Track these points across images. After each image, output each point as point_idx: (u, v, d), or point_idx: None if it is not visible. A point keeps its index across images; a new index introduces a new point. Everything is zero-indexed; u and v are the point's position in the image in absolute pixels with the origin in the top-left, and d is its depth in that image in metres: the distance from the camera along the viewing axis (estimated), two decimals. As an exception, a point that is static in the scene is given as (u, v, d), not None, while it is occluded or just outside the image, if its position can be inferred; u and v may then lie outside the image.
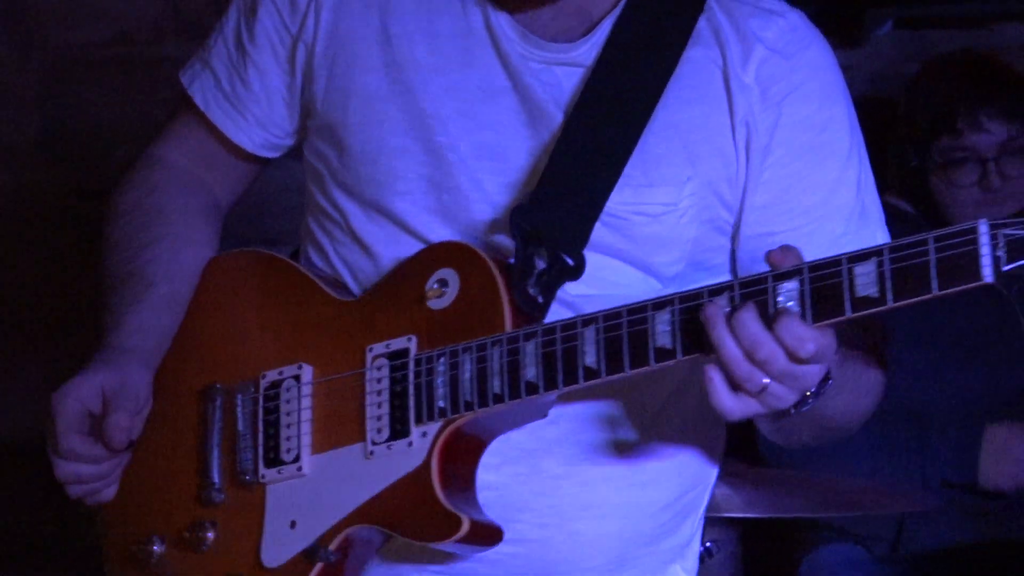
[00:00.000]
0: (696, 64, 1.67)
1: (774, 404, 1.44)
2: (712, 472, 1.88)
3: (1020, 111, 3.22)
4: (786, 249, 1.43)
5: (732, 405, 1.43)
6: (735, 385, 1.42)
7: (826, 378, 1.49)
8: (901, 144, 3.32)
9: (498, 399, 1.54)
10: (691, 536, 1.88)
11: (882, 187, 1.75)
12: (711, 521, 2.41)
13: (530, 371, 1.52)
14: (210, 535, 1.69)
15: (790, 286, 1.40)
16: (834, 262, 1.37)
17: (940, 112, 3.25)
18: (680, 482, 1.81)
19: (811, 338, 1.37)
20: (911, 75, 3.49)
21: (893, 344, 2.59)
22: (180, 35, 3.57)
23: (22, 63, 3.67)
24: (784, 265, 1.41)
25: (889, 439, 3.14)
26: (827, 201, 1.67)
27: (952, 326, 3.22)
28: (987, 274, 1.28)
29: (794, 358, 1.39)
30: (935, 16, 3.78)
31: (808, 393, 1.46)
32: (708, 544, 2.62)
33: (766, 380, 1.41)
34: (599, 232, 1.63)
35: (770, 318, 1.39)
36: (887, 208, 1.68)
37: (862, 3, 3.60)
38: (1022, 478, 3.13)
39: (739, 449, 3.14)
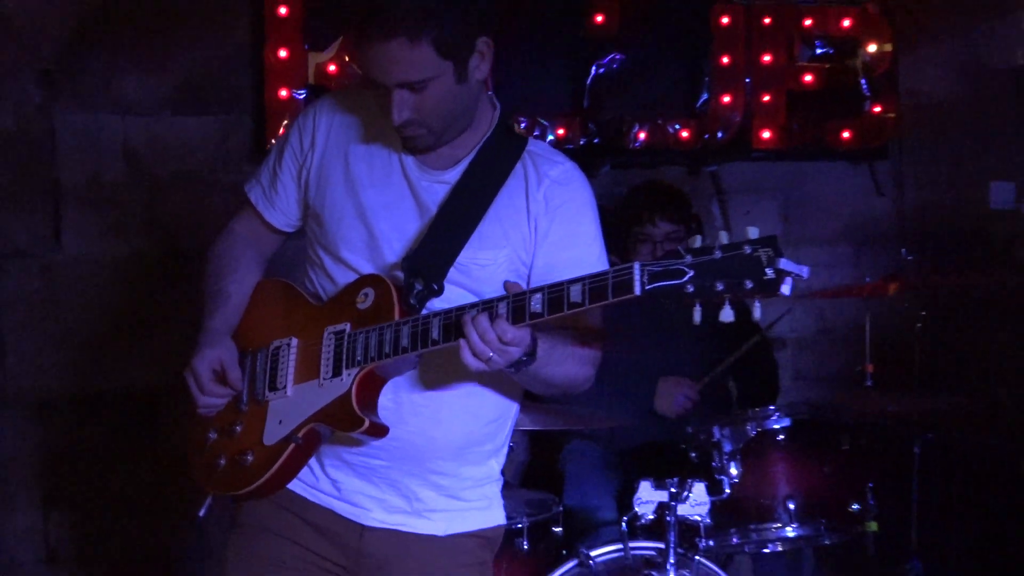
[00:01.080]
0: (512, 186, 2.23)
1: (495, 367, 1.99)
2: (516, 404, 2.41)
3: (678, 216, 3.98)
4: (513, 283, 2.02)
5: (474, 364, 1.97)
6: (474, 354, 1.95)
7: (530, 354, 2.04)
8: (616, 231, 3.91)
9: (387, 356, 2.08)
10: (504, 441, 2.42)
11: (608, 251, 2.34)
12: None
13: (405, 340, 2.06)
14: (238, 428, 2.27)
15: (513, 301, 1.94)
16: (559, 285, 1.92)
17: (634, 214, 4.05)
18: (497, 408, 2.35)
19: (510, 331, 1.94)
20: (621, 194, 4.36)
21: (625, 332, 3.33)
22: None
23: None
24: (513, 291, 1.97)
25: (620, 386, 3.64)
26: (581, 260, 2.17)
27: (648, 320, 3.68)
28: (636, 290, 1.83)
29: (502, 341, 1.94)
30: (632, 163, 4.64)
31: (515, 362, 2.01)
32: (511, 444, 3.50)
33: (490, 353, 1.95)
34: (452, 273, 2.17)
35: (494, 316, 1.94)
36: (610, 262, 2.17)
37: (594, 155, 4.47)
38: (676, 409, 3.89)
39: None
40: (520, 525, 3.30)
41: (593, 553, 3.24)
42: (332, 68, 4.25)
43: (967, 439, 4.48)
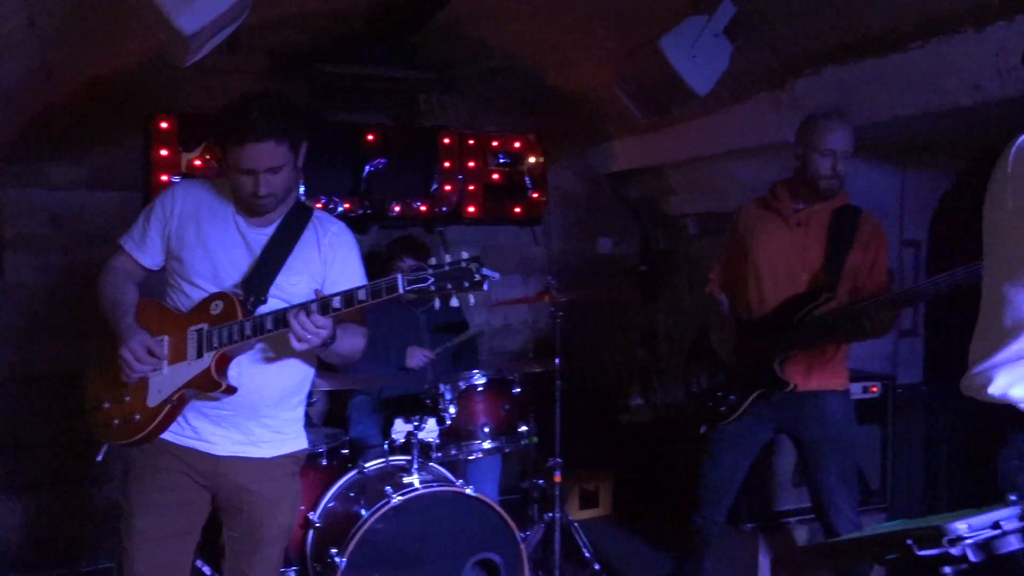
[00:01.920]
0: (307, 237, 2.23)
1: (312, 345, 2.03)
2: (313, 370, 2.34)
3: (417, 256, 3.81)
4: (320, 292, 2.08)
5: (298, 345, 2.01)
6: (298, 338, 1.99)
7: (332, 336, 2.07)
8: (382, 265, 3.90)
9: (235, 342, 2.05)
10: (306, 394, 2.37)
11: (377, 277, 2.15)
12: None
13: (248, 331, 2.05)
14: (127, 397, 2.13)
15: (333, 303, 2.00)
16: (350, 291, 2.01)
17: (391, 255, 3.90)
18: (302, 372, 2.29)
19: (321, 320, 2.00)
20: (384, 244, 4.24)
21: (392, 324, 3.47)
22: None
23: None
24: (320, 296, 2.03)
25: (388, 352, 3.70)
26: (352, 281, 2.21)
27: (405, 319, 3.83)
28: (400, 290, 1.95)
29: (316, 326, 1.99)
30: (391, 225, 4.57)
31: (324, 341, 2.04)
32: (315, 399, 3.45)
33: (309, 335, 1.99)
34: (272, 290, 2.16)
35: (310, 312, 1.99)
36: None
37: (367, 220, 4.44)
38: (418, 364, 3.73)
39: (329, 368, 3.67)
40: (321, 450, 3.21)
41: (367, 465, 3.20)
42: (197, 162, 4.05)
43: (585, 385, 4.71)
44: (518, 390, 3.45)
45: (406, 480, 2.98)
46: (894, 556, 1.07)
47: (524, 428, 3.44)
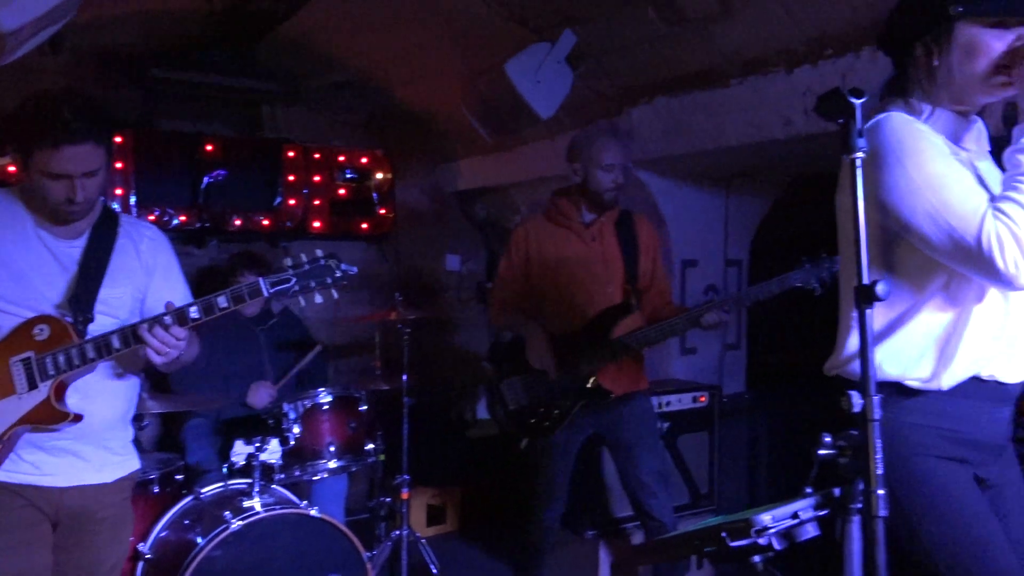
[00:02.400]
0: (121, 244, 2.07)
1: (171, 358, 1.92)
2: (139, 384, 2.19)
3: (258, 270, 3.56)
4: (170, 303, 1.93)
5: (158, 359, 1.91)
6: (158, 351, 1.89)
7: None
8: (223, 279, 3.62)
9: (77, 367, 1.90)
10: (131, 419, 2.20)
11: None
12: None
13: (91, 354, 1.90)
14: None
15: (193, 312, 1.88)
16: (207, 298, 1.90)
17: (232, 268, 3.66)
18: (133, 389, 2.16)
19: (182, 332, 1.89)
20: (224, 258, 4.04)
21: (234, 355, 3.32)
22: None
23: None
24: (172, 308, 1.89)
25: (227, 388, 3.50)
26: (176, 287, 2.14)
27: (246, 345, 3.65)
28: (265, 293, 1.89)
29: (177, 339, 1.89)
30: (231, 239, 4.39)
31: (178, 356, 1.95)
32: (146, 423, 3.28)
33: (168, 348, 1.89)
34: (97, 306, 2.00)
35: (167, 326, 1.88)
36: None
37: (205, 233, 4.27)
38: (262, 403, 3.51)
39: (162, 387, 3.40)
40: (153, 476, 3.02)
41: (203, 490, 3.05)
42: (12, 168, 3.71)
43: (433, 402, 4.72)
44: (365, 407, 3.42)
45: (246, 504, 2.87)
46: (711, 549, 1.18)
47: (371, 446, 3.41)
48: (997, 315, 1.47)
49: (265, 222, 4.50)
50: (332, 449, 3.32)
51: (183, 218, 4.23)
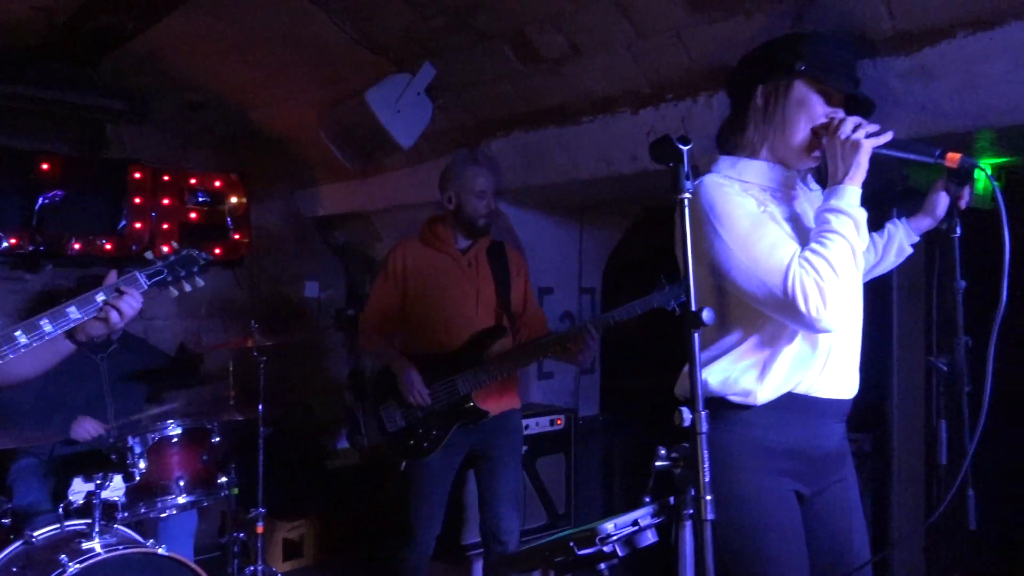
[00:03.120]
0: None
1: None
2: None
3: None
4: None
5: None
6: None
7: None
8: None
9: None
10: None
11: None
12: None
13: None
14: None
15: None
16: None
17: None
18: None
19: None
20: (63, 285, 3.98)
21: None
22: None
23: None
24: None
25: (46, 417, 3.30)
26: None
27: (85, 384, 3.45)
28: (144, 285, 1.86)
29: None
30: (69, 264, 4.12)
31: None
32: None
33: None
34: None
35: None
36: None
37: (40, 257, 4.03)
38: (83, 437, 3.30)
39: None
40: (-25, 522, 2.80)
41: (35, 534, 2.84)
42: None
43: (291, 431, 4.62)
44: (217, 439, 3.31)
45: (85, 546, 2.71)
46: (561, 559, 1.26)
47: (224, 479, 3.30)
48: (820, 338, 1.63)
49: (108, 246, 4.29)
50: (182, 484, 3.18)
51: (13, 241, 3.97)
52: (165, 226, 4.53)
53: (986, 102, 2.18)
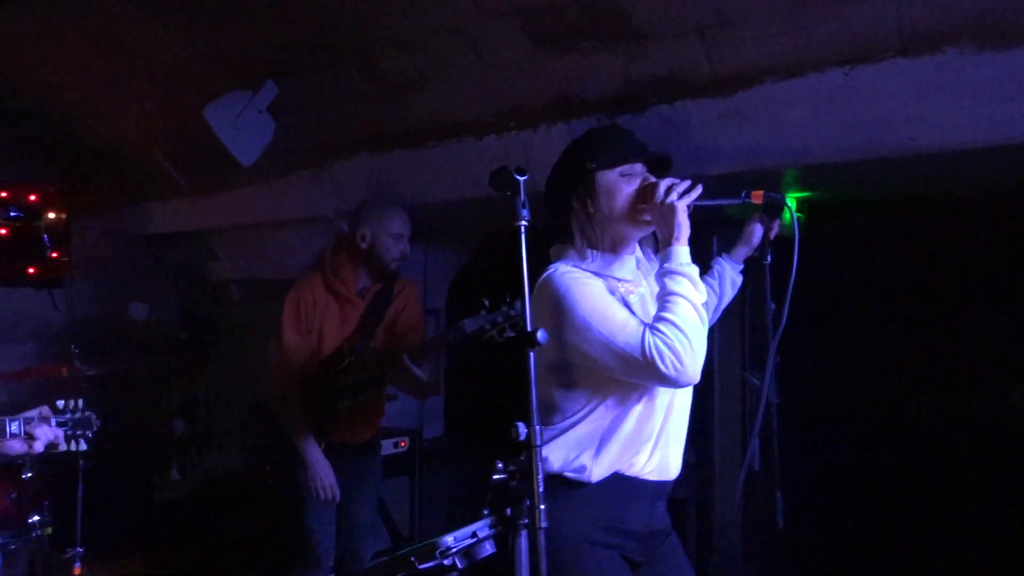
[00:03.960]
0: None
1: None
2: None
3: None
4: None
5: None
6: None
7: None
8: None
9: None
10: None
11: None
12: None
13: None
14: None
15: None
16: None
17: None
18: None
19: None
20: None
21: None
22: None
23: None
24: None
25: None
26: None
27: None
28: None
29: None
30: None
31: None
32: None
33: None
34: None
35: None
36: None
37: None
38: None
39: None
40: None
41: None
42: None
43: (115, 463, 4.33)
44: (29, 475, 3.08)
45: None
46: (403, 574, 1.30)
47: (36, 518, 3.07)
48: (654, 423, 1.80)
49: None
50: (-14, 525, 2.93)
51: None
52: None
53: (790, 143, 2.45)
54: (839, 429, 3.75)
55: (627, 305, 1.77)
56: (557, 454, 1.75)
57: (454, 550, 1.30)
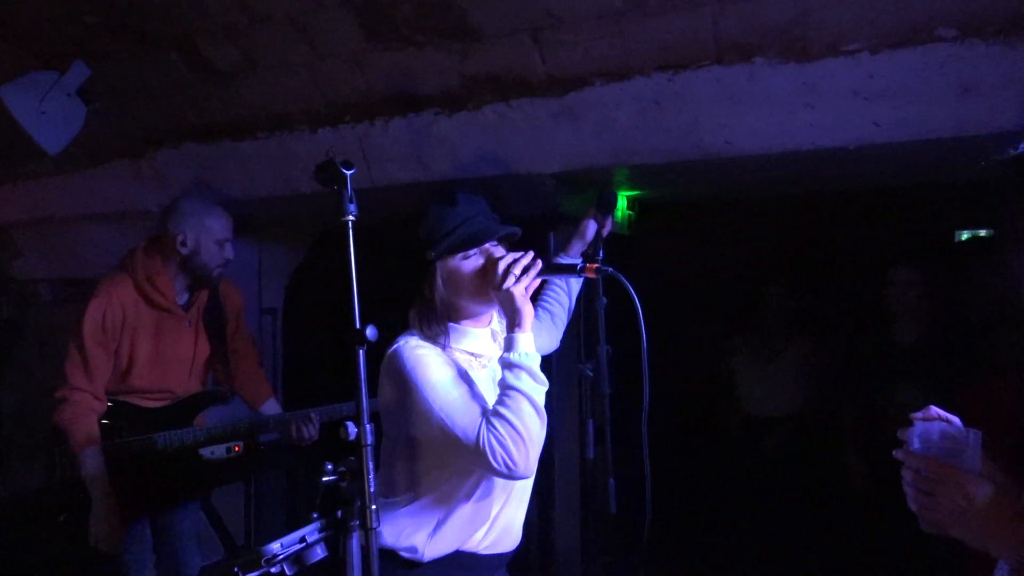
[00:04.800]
0: None
1: None
2: None
3: None
4: None
5: None
6: None
7: None
8: None
9: None
10: None
11: None
12: None
13: None
14: None
15: None
16: None
17: None
18: None
19: None
20: None
21: None
22: None
23: None
24: None
25: None
26: None
27: None
28: None
29: None
30: None
31: None
32: None
33: None
34: None
35: None
36: None
37: None
38: None
39: None
40: None
41: None
42: None
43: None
44: None
45: None
46: (226, 586, 1.25)
47: None
48: (492, 505, 1.83)
49: None
50: None
51: None
52: None
53: (619, 143, 2.57)
54: (667, 417, 4.00)
55: (471, 383, 1.77)
56: (391, 529, 1.75)
57: (281, 557, 1.25)
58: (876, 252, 3.67)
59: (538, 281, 1.82)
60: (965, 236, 3.96)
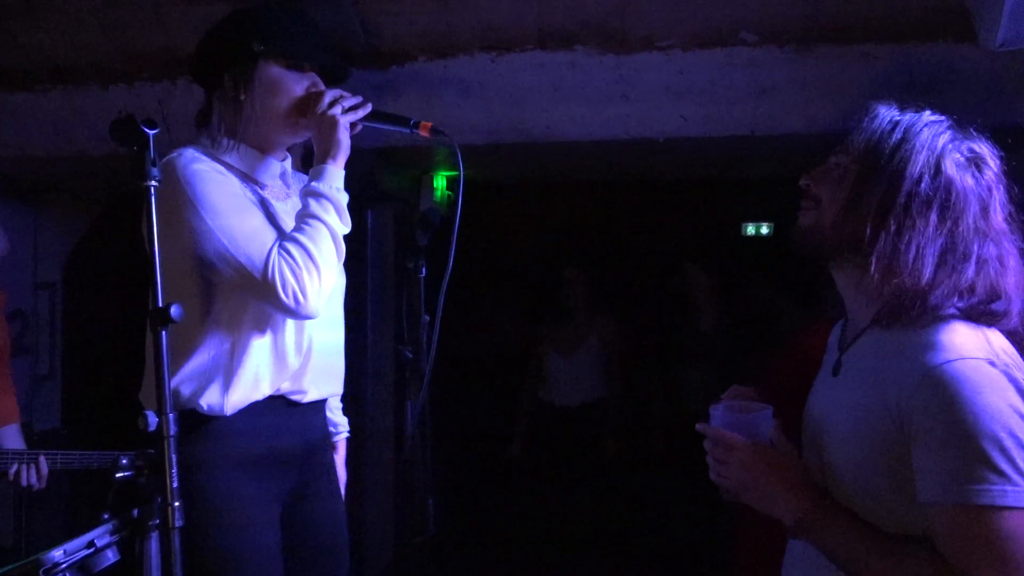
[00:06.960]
0: None
1: None
2: None
3: None
4: None
5: None
6: None
7: None
8: None
9: None
10: None
11: None
12: None
13: None
14: None
15: None
16: None
17: None
18: None
19: None
20: None
21: None
22: None
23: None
24: None
25: None
26: None
27: None
28: None
29: None
30: None
31: None
32: None
33: None
34: None
35: None
36: None
37: None
38: None
39: None
40: None
41: None
42: None
43: None
44: None
45: None
46: (-6, 603, 1.07)
47: None
48: (289, 340, 1.59)
49: None
50: None
51: None
52: None
53: (441, 121, 2.51)
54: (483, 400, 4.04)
55: (268, 214, 1.55)
56: (187, 385, 1.52)
57: (64, 565, 1.10)
58: (674, 242, 3.89)
59: (360, 126, 1.62)
60: (751, 230, 4.27)
